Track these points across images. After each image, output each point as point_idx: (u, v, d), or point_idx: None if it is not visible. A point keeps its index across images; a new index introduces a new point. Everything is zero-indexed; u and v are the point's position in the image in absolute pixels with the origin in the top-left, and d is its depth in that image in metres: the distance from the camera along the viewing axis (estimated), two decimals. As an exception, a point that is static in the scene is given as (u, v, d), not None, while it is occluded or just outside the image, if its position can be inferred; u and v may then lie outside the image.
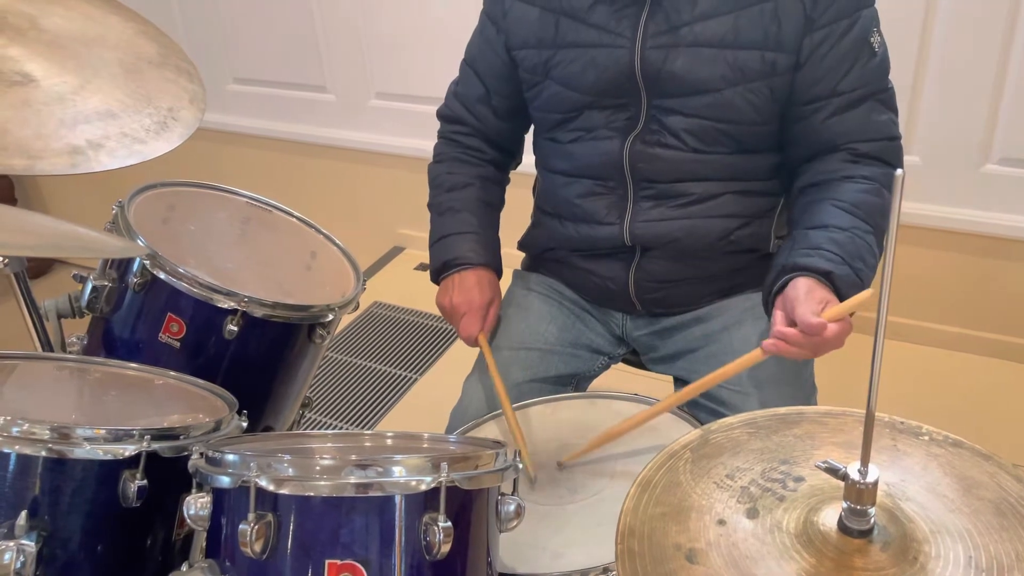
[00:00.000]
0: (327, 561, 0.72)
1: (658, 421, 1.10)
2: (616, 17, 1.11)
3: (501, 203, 1.37)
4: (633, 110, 1.15)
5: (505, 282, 1.39)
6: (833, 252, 1.02)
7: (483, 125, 1.32)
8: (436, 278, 1.29)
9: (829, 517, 0.65)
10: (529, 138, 1.37)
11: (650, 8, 1.09)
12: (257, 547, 0.72)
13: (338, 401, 2.27)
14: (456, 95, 1.34)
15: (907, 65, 2.02)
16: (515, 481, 0.84)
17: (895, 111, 1.13)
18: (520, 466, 0.83)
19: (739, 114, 1.11)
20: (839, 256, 1.02)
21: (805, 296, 0.98)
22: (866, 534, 0.63)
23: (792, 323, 0.97)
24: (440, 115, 1.38)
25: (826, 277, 1.01)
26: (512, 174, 1.41)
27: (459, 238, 1.27)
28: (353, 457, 0.74)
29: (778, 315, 1.00)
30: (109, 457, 0.82)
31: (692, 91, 1.10)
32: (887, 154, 1.11)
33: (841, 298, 0.99)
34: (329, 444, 0.95)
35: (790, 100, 1.12)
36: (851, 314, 0.96)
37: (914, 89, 2.05)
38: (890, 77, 1.12)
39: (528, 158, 1.39)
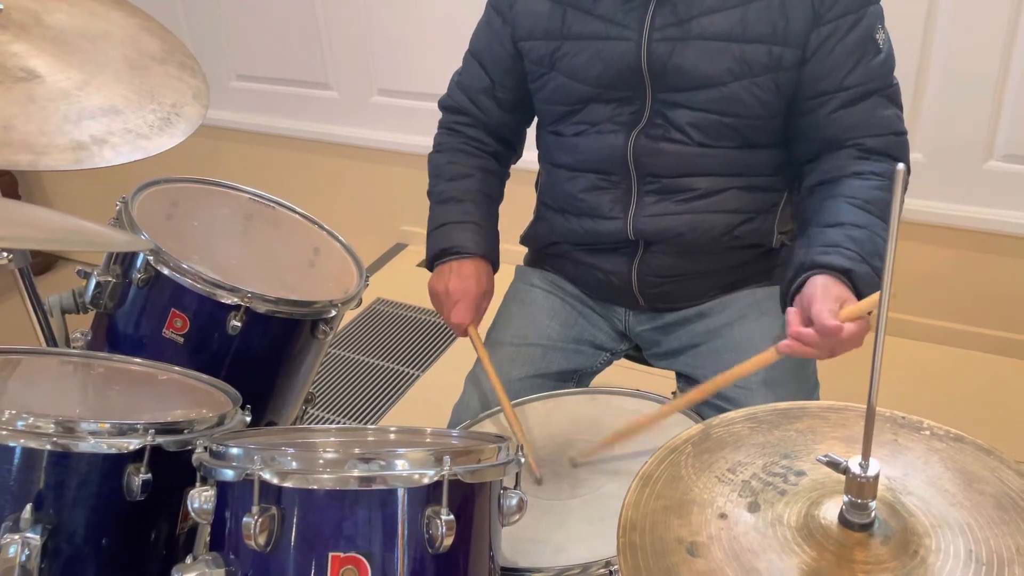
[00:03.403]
0: (330, 554, 0.73)
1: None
2: (623, 9, 1.11)
3: (500, 196, 1.37)
4: (638, 104, 1.15)
5: (507, 277, 1.40)
6: (852, 250, 1.01)
7: (486, 116, 1.32)
8: (432, 265, 1.28)
9: (830, 511, 0.65)
10: (531, 133, 1.37)
11: (658, 1, 1.09)
12: (261, 540, 0.72)
13: (341, 397, 2.27)
14: (460, 85, 1.34)
15: (910, 62, 2.01)
16: (517, 475, 0.85)
17: (900, 107, 1.13)
18: (523, 460, 0.84)
19: (745, 108, 1.11)
20: (858, 254, 1.01)
21: (822, 294, 0.97)
22: (867, 528, 0.63)
23: (808, 322, 0.96)
24: (442, 105, 1.38)
25: (845, 275, 0.99)
26: (513, 169, 1.41)
27: (459, 227, 1.27)
28: (356, 450, 0.75)
29: (792, 313, 0.98)
30: (113, 451, 0.82)
31: (698, 85, 1.10)
32: (894, 149, 1.11)
33: (859, 296, 0.98)
34: (332, 438, 0.95)
35: (796, 95, 1.12)
36: (869, 312, 0.95)
37: (917, 86, 2.05)
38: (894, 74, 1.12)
39: (530, 153, 1.39)
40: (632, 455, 1.05)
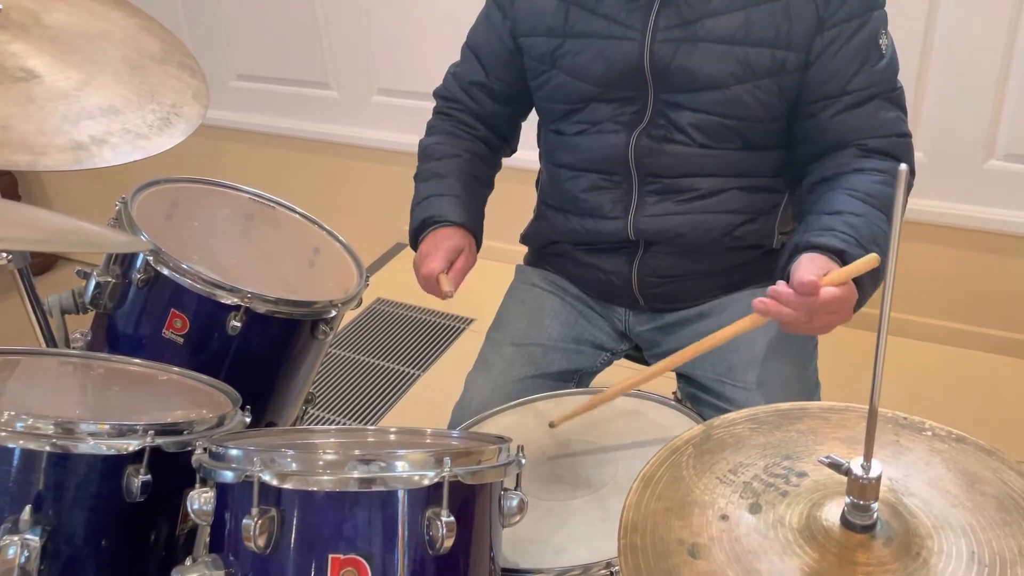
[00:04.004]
0: (330, 556, 0.72)
1: (661, 417, 1.10)
2: (627, 9, 1.11)
3: (489, 182, 1.35)
4: (640, 104, 1.15)
5: (508, 277, 1.40)
6: (847, 234, 1.00)
7: (480, 107, 1.32)
8: (414, 240, 1.25)
9: (832, 512, 0.65)
10: (531, 131, 1.37)
11: (662, 1, 1.09)
12: (261, 542, 0.72)
13: (341, 397, 2.27)
14: (455, 76, 1.34)
15: (911, 62, 2.01)
16: (518, 476, 0.84)
17: (904, 110, 1.12)
18: (523, 460, 0.83)
19: (747, 111, 1.11)
20: (853, 238, 0.99)
21: (807, 263, 0.95)
22: (869, 529, 0.63)
23: None
24: (437, 94, 1.37)
25: (839, 256, 0.98)
26: (514, 169, 1.41)
27: (440, 199, 1.24)
28: (356, 452, 0.74)
29: (779, 284, 0.95)
30: (113, 452, 0.82)
31: (700, 87, 1.10)
32: (897, 150, 1.11)
33: (856, 283, 0.95)
34: (332, 439, 0.95)
35: (799, 98, 1.11)
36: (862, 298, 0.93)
37: (918, 86, 2.04)
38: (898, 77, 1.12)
39: (530, 152, 1.39)
40: (633, 455, 1.05)
